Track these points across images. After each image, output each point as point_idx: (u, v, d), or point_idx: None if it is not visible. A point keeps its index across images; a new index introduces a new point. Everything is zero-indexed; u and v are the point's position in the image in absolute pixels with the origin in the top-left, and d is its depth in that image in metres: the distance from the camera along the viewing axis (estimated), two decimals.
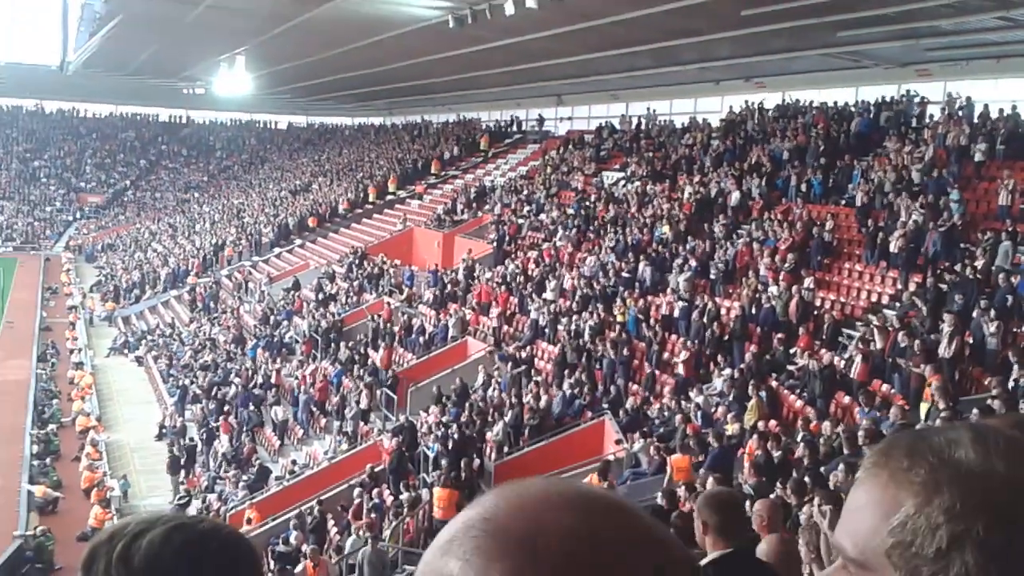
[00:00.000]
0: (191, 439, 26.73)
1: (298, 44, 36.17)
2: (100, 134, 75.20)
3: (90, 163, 72.38)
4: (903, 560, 0.81)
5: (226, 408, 26.96)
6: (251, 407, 26.70)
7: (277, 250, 43.35)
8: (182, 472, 24.99)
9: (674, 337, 19.93)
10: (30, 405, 29.59)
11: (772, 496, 8.91)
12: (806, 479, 9.82)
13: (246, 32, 35.09)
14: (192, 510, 21.48)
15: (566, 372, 20.20)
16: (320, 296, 32.83)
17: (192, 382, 30.55)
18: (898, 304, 17.13)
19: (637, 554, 0.69)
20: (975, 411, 9.90)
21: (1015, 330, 14.16)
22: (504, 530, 0.68)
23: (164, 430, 28.17)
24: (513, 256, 28.79)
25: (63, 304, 46.36)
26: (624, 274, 22.86)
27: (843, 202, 21.78)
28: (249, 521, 19.82)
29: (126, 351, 38.57)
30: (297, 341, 30.62)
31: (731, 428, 14.93)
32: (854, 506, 0.87)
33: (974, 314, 14.36)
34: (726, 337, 18.47)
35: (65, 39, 49.81)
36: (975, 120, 21.91)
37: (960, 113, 22.45)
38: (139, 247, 55.80)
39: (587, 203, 29.29)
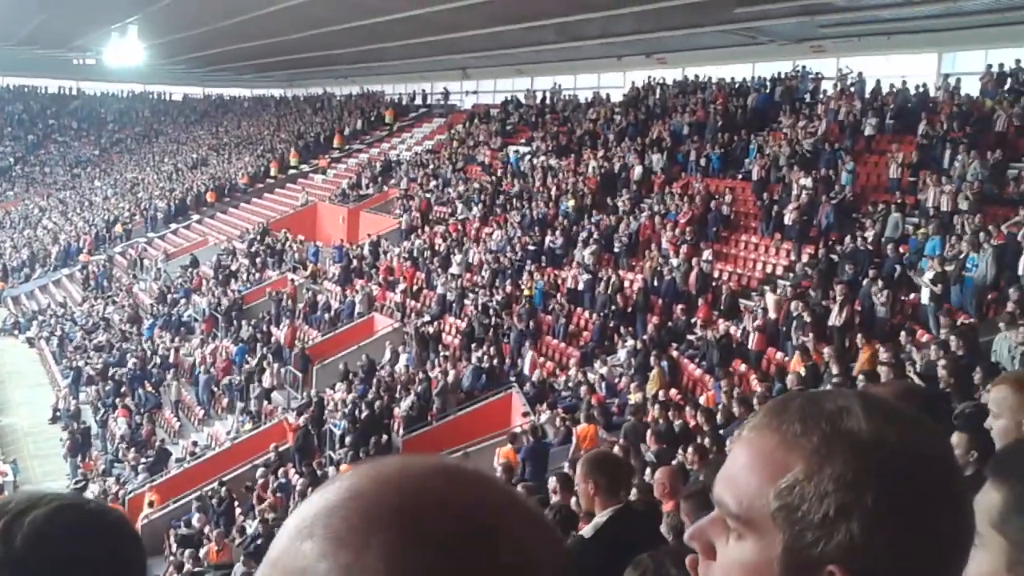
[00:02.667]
0: (84, 422, 25.87)
1: (193, 13, 34.98)
2: None
3: None
4: (788, 523, 0.84)
5: (123, 390, 26.15)
6: (149, 388, 25.98)
7: (174, 226, 42.00)
8: (79, 456, 24.19)
9: (579, 310, 20.19)
10: None
11: (673, 463, 9.15)
12: (706, 443, 10.10)
13: (139, 0, 33.76)
14: (89, 494, 20.84)
15: (473, 346, 20.26)
16: (220, 273, 32.05)
17: (86, 363, 29.51)
18: (791, 275, 17.72)
19: (515, 515, 0.68)
20: (861, 377, 10.32)
21: (903, 299, 14.81)
22: (376, 504, 0.64)
23: (58, 413, 27.18)
24: (420, 231, 28.64)
25: None
26: (530, 248, 23.00)
27: (740, 176, 22.35)
28: (151, 504, 19.36)
29: (16, 332, 36.97)
30: (196, 320, 29.86)
31: (634, 397, 15.24)
32: (740, 463, 0.88)
33: (863, 283, 14.95)
34: (629, 309, 18.80)
35: None
36: (866, 95, 22.71)
37: (852, 88, 23.23)
38: (28, 224, 53.35)
39: (493, 177, 29.32)
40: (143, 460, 22.22)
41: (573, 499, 5.36)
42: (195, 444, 22.57)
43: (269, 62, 49.17)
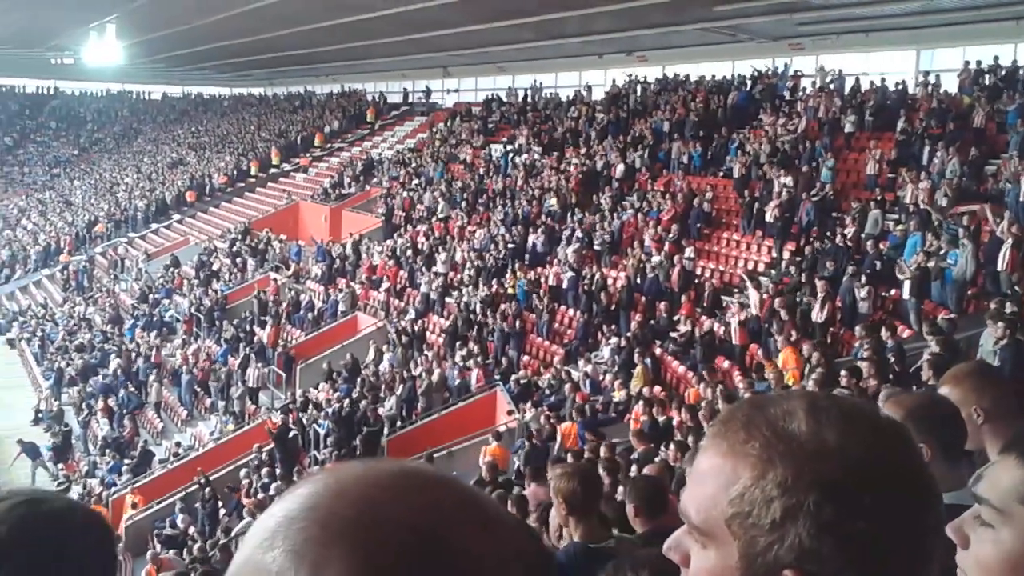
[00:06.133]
0: (66, 424, 25.68)
1: (172, 11, 34.73)
2: None
3: None
4: (741, 530, 0.85)
5: (104, 391, 25.99)
6: (131, 389, 25.83)
7: (154, 226, 41.73)
8: (43, 458, 23.88)
9: (563, 308, 20.25)
10: None
11: (657, 460, 9.22)
12: (689, 440, 10.18)
13: None
14: (73, 496, 20.70)
15: (458, 344, 20.28)
16: (202, 273, 31.89)
17: (68, 364, 29.30)
18: (773, 271, 17.85)
19: (472, 521, 0.68)
20: (843, 372, 10.42)
21: (883, 294, 14.95)
22: (333, 515, 0.65)
23: (40, 414, 26.98)
24: (402, 230, 28.60)
25: None
26: (512, 246, 23.03)
27: (721, 173, 22.46)
28: (134, 505, 19.27)
29: None
30: (178, 320, 29.71)
31: (618, 395, 15.32)
32: (697, 473, 0.91)
33: (844, 280, 15.08)
34: (613, 307, 18.87)
35: None
36: (846, 92, 22.87)
37: (831, 86, 23.40)
38: (8, 224, 52.88)
39: (476, 175, 29.33)
40: (126, 461, 22.10)
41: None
42: (178, 445, 22.48)
43: (249, 60, 48.89)
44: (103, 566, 1.24)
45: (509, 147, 30.44)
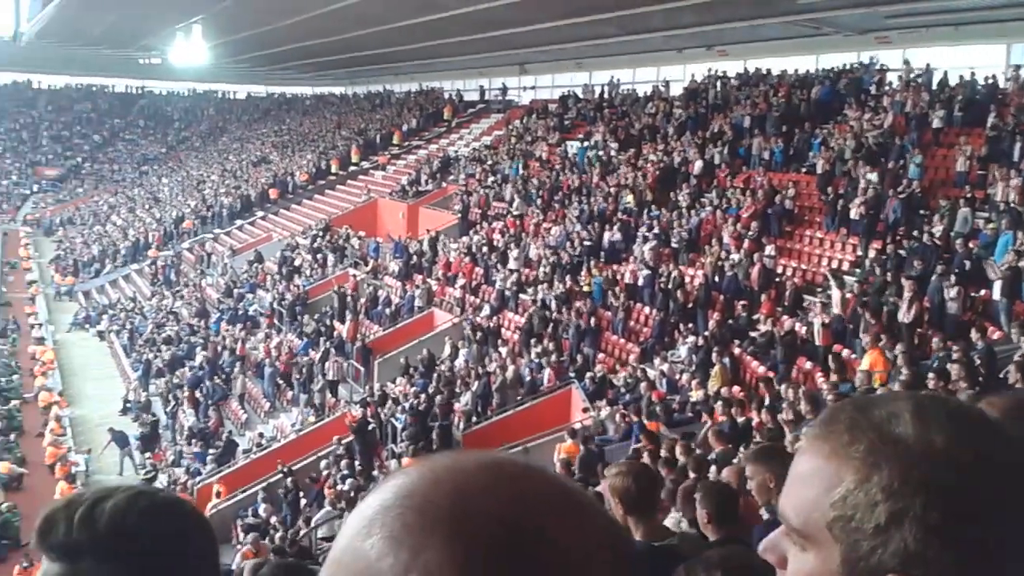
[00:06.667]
0: (154, 414, 26.55)
1: (256, 12, 35.62)
2: (56, 106, 73.55)
3: (46, 136, 70.82)
4: (844, 534, 0.83)
5: (191, 382, 26.78)
6: (216, 380, 26.56)
7: (239, 222, 42.86)
8: (131, 447, 24.74)
9: (639, 305, 20.12)
10: None
11: (735, 461, 9.08)
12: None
13: (203, 0, 34.46)
14: (159, 485, 21.41)
15: (532, 341, 20.31)
16: (284, 268, 32.60)
17: (155, 356, 30.28)
18: (858, 270, 17.41)
19: (564, 511, 0.70)
20: (930, 376, 10.12)
21: (973, 295, 14.47)
22: (428, 503, 0.67)
23: (129, 405, 27.95)
24: (478, 227, 28.76)
25: (22, 279, 45.57)
26: (588, 243, 22.95)
27: (804, 170, 22.00)
28: (218, 494, 19.80)
29: (87, 326, 38.10)
30: (261, 314, 30.43)
31: (695, 394, 15.15)
32: (797, 476, 0.89)
33: (932, 279, 14.64)
34: (690, 305, 18.67)
35: (17, 9, 48.47)
36: (934, 87, 22.17)
37: (919, 80, 22.70)
38: (98, 220, 54.91)
39: (552, 172, 29.32)
40: (211, 451, 22.75)
41: None
42: (261, 436, 23.02)
43: (330, 60, 49.82)
44: (211, 551, 1.29)
45: (586, 143, 30.33)
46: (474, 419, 18.91)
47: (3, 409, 26.82)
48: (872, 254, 17.15)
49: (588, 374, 18.12)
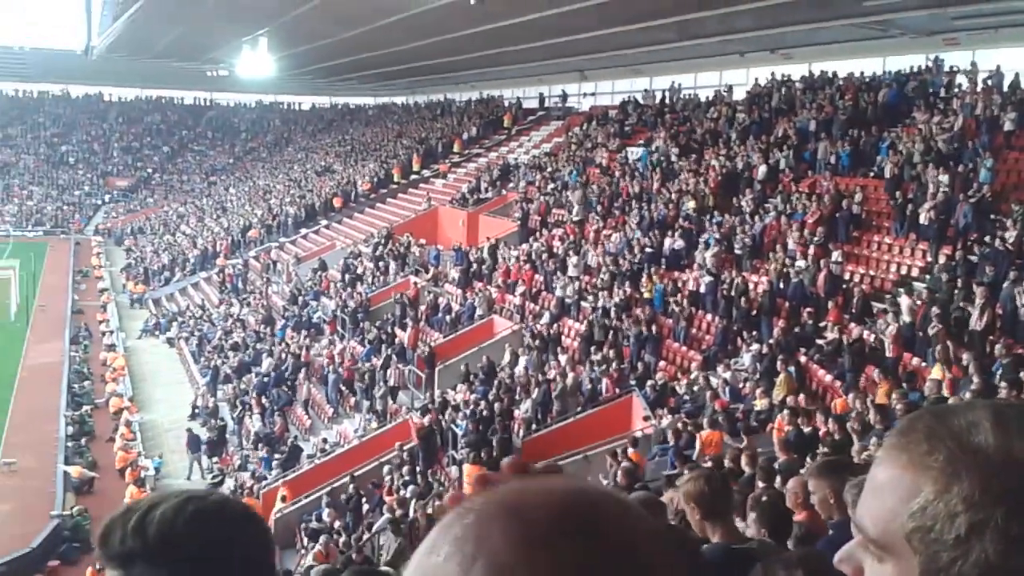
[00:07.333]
0: (222, 419, 27.09)
1: (319, 24, 36.16)
2: (126, 118, 75.74)
3: (117, 147, 72.96)
4: (923, 544, 0.82)
5: (258, 388, 27.27)
6: (281, 386, 26.98)
7: (303, 231, 43.59)
8: (200, 453, 25.28)
9: (701, 313, 19.91)
10: (64, 387, 30.05)
11: (803, 471, 8.92)
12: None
13: (267, 13, 35.16)
14: (225, 489, 21.83)
15: (592, 348, 20.23)
16: (347, 276, 33.03)
17: (223, 362, 30.90)
18: (928, 277, 17.00)
19: (616, 501, 0.73)
20: (1003, 384, 9.83)
21: None
22: (485, 510, 0.70)
23: (197, 410, 28.56)
24: (538, 234, 28.77)
25: (94, 287, 46.94)
26: (648, 250, 22.80)
27: (871, 174, 21.57)
28: (283, 499, 20.09)
29: (157, 333, 39.04)
30: (325, 321, 30.86)
31: (759, 403, 14.94)
32: (874, 486, 0.88)
33: (1004, 286, 14.22)
34: (754, 312, 18.41)
35: (89, 23, 50.07)
36: (1005, 89, 21.56)
37: (989, 82, 22.11)
38: (167, 230, 56.29)
39: (612, 179, 29.20)
40: (276, 456, 23.11)
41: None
42: (325, 441, 23.31)
43: (391, 71, 50.37)
44: (264, 555, 1.30)
45: (646, 148, 30.15)
46: (534, 426, 18.90)
47: (75, 414, 27.61)
48: (942, 260, 16.74)
49: (649, 382, 17.98)
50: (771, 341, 16.92)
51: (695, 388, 16.82)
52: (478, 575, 0.66)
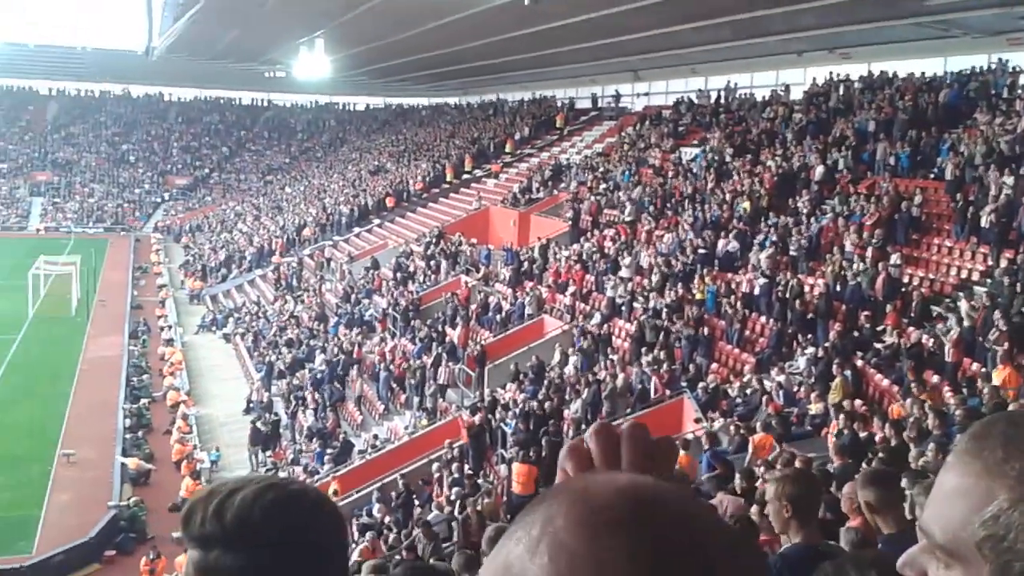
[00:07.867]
0: (276, 414, 27.46)
1: (374, 26, 36.52)
2: (185, 118, 77.21)
3: (176, 146, 74.41)
4: (994, 553, 0.80)
5: (311, 384, 27.60)
6: (334, 382, 27.27)
7: (356, 229, 44.02)
8: (260, 446, 25.64)
9: (755, 315, 19.67)
10: (122, 381, 30.64)
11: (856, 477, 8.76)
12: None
13: (324, 15, 35.59)
14: None
15: (643, 349, 20.10)
16: (399, 275, 33.27)
17: (277, 358, 31.33)
18: (989, 281, 16.58)
19: (680, 493, 0.73)
20: None
21: None
22: (550, 502, 0.71)
23: (252, 404, 28.98)
24: (589, 234, 28.68)
25: (153, 283, 47.91)
26: (701, 251, 22.59)
27: (932, 176, 21.11)
28: (335, 493, 20.27)
29: (214, 328, 39.69)
30: (376, 319, 31.13)
31: (814, 407, 14.71)
32: (944, 491, 0.86)
33: None
34: (809, 315, 18.14)
35: (150, 24, 51.07)
36: None
37: None
38: (225, 228, 57.24)
39: (665, 179, 28.99)
40: (328, 451, 23.37)
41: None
42: (376, 437, 23.51)
43: (444, 71, 50.67)
44: (339, 542, 1.31)
45: (701, 149, 29.88)
46: (583, 427, 18.82)
47: (133, 407, 28.17)
48: (1004, 263, 16.32)
49: (700, 384, 17.82)
50: (827, 344, 16.64)
51: (748, 391, 16.63)
52: (542, 556, 0.67)
